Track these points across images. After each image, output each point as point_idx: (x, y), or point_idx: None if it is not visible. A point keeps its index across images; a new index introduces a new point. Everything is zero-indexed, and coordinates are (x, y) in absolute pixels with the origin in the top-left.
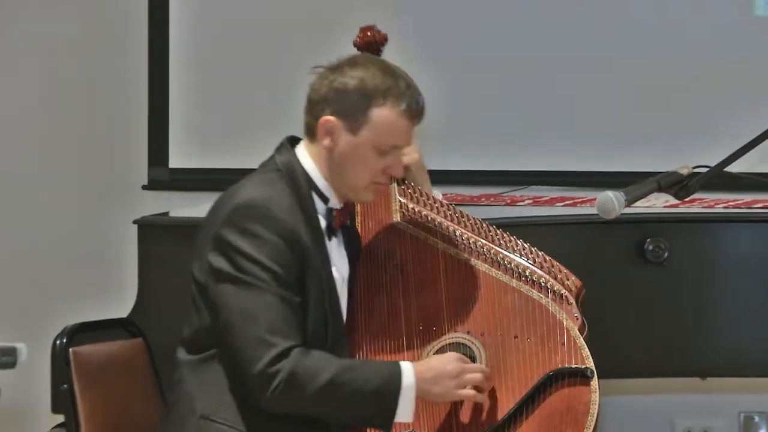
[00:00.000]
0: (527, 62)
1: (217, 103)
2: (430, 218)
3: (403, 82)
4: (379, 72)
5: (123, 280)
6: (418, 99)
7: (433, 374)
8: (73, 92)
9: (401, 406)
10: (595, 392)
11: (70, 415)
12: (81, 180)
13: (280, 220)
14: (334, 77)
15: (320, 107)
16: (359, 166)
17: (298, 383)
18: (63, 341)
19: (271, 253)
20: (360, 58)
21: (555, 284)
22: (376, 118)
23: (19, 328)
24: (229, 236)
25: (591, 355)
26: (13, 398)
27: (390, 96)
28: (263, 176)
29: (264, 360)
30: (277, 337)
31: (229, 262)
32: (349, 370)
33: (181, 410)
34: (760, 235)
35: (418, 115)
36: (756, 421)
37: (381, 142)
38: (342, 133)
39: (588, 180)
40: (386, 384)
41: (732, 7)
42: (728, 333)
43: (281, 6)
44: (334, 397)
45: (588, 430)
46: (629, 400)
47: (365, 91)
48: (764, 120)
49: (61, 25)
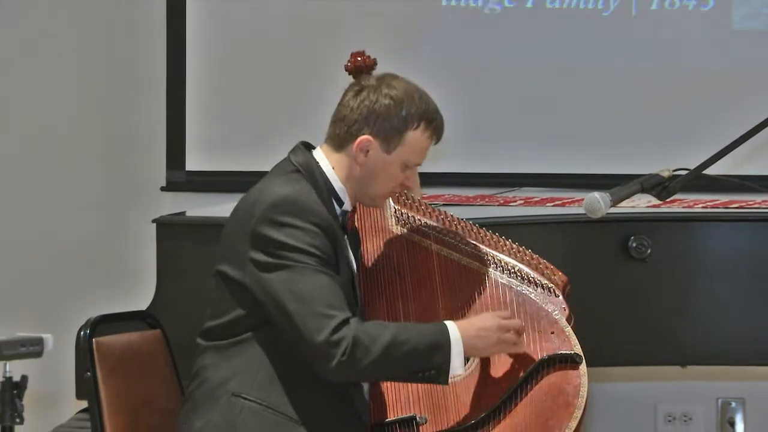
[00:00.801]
0: (520, 71)
1: (232, 109)
2: (423, 222)
3: (432, 107)
4: (414, 96)
5: (142, 275)
6: (442, 122)
7: (474, 330)
8: (97, 100)
9: (453, 358)
10: (584, 376)
11: (93, 401)
12: (104, 182)
13: (313, 210)
14: (374, 98)
15: (358, 126)
16: (385, 179)
17: (362, 347)
18: (86, 332)
19: (311, 240)
20: (394, 80)
21: (542, 279)
22: (409, 139)
23: (45, 320)
24: (269, 232)
25: (579, 344)
26: (40, 385)
27: (424, 120)
28: (286, 176)
29: (327, 330)
30: (334, 310)
31: (272, 256)
32: (404, 330)
33: (211, 390)
34: (736, 233)
35: (440, 137)
36: (733, 407)
37: (408, 160)
38: (377, 151)
39: (576, 182)
40: (438, 339)
41: (712, 21)
42: (707, 324)
43: (298, 12)
44: (395, 357)
45: (578, 411)
46: (614, 387)
47: (404, 116)
48: (740, 125)
49: (83, 33)
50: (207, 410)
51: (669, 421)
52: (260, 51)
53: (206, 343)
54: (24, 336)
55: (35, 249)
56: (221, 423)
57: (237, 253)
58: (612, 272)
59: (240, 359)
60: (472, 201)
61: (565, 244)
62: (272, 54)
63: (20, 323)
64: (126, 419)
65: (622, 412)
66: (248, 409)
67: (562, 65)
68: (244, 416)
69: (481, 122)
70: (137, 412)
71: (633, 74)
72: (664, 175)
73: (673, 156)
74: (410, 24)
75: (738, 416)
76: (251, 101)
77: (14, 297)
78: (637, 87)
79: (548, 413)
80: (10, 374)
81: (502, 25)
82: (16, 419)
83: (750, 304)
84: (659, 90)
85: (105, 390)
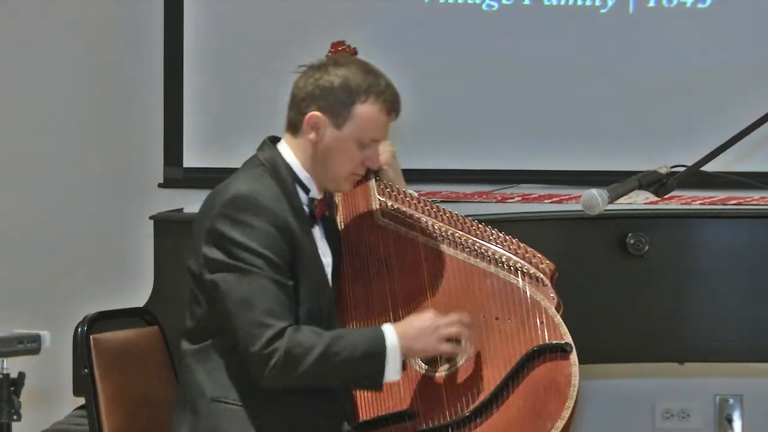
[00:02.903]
0: (518, 68)
1: (230, 106)
2: (408, 214)
3: (382, 81)
4: (360, 71)
5: (140, 271)
6: (395, 96)
7: (413, 331)
8: (95, 98)
9: (389, 366)
10: (574, 365)
11: (90, 398)
12: (101, 179)
13: (269, 209)
14: (319, 75)
15: (306, 104)
16: (342, 158)
17: (293, 359)
18: (84, 329)
19: (263, 240)
20: (342, 58)
21: (530, 268)
22: (359, 113)
23: (42, 317)
24: (222, 228)
25: (576, 340)
26: (37, 382)
27: (372, 93)
28: (249, 172)
29: (261, 340)
30: (272, 319)
31: (223, 252)
32: (337, 340)
33: (193, 396)
34: (733, 229)
35: (395, 111)
36: (731, 403)
37: (363, 136)
38: (327, 127)
39: (573, 179)
40: (372, 347)
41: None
42: (704, 321)
43: (296, 10)
44: (328, 367)
45: (571, 400)
46: (612, 384)
47: (349, 89)
48: (738, 122)
49: (81, 31)
50: (191, 416)
51: (667, 417)
52: (258, 48)
53: (186, 347)
54: (21, 333)
55: (32, 246)
56: (206, 430)
57: (197, 248)
58: (609, 269)
59: (214, 362)
60: (469, 198)
61: (563, 240)
62: (270, 51)
63: (17, 320)
64: (123, 416)
65: (620, 409)
66: (230, 413)
67: (560, 62)
68: (227, 420)
69: (479, 119)
70: (135, 409)
71: (630, 71)
72: (661, 172)
73: (670, 153)
74: (408, 22)
75: (736, 413)
76: (248, 98)
77: (11, 294)
78: (634, 84)
79: (540, 404)
80: (7, 371)
81: (499, 22)
82: (14, 416)
83: (747, 300)
84: (656, 87)
85: (102, 387)
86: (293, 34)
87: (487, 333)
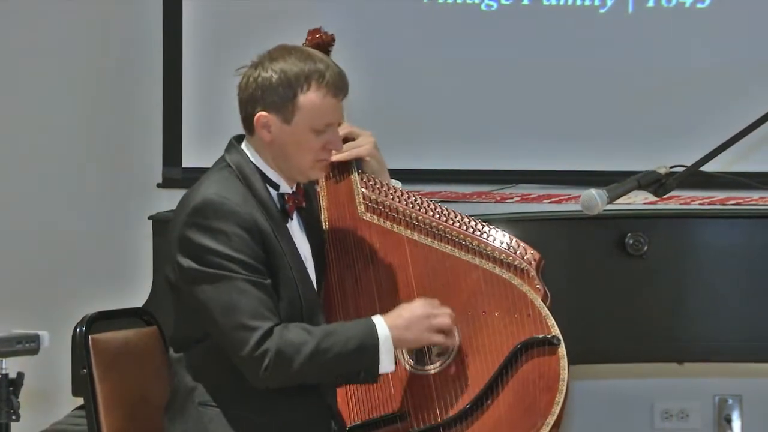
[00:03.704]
0: (517, 68)
1: (229, 106)
2: (392, 207)
3: (321, 64)
4: (297, 60)
5: (139, 271)
6: (338, 76)
7: (403, 321)
8: (94, 98)
9: (382, 357)
10: (563, 358)
11: (89, 398)
12: (100, 179)
13: (236, 212)
14: (257, 74)
15: (251, 105)
16: (301, 150)
17: (286, 358)
18: (82, 329)
19: (235, 244)
20: (276, 51)
21: (516, 259)
22: (304, 103)
23: (41, 317)
24: (192, 236)
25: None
26: (36, 382)
27: (311, 80)
28: (217, 174)
29: (250, 343)
30: (257, 321)
31: (197, 261)
32: (328, 336)
33: (181, 401)
34: (733, 229)
35: (341, 90)
36: (730, 404)
37: (315, 124)
38: (277, 124)
39: (573, 179)
40: (365, 340)
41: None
42: (703, 321)
43: (295, 10)
44: (321, 363)
45: (560, 394)
46: (611, 384)
47: (288, 82)
48: (737, 122)
49: (80, 31)
50: (181, 421)
51: (666, 417)
52: (257, 48)
53: (173, 354)
54: (20, 333)
55: (31, 246)
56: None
57: (171, 256)
58: (609, 269)
59: (199, 368)
60: (468, 198)
61: (562, 241)
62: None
63: (16, 320)
64: (122, 416)
65: (619, 409)
66: (217, 416)
67: (559, 62)
68: (215, 425)
69: (477, 119)
70: (133, 409)
71: (629, 71)
72: (660, 172)
73: (669, 153)
74: (407, 22)
75: (735, 413)
76: None
77: (10, 294)
78: (633, 84)
79: (530, 399)
80: (6, 371)
81: (498, 22)
82: (12, 416)
83: (746, 300)
84: (655, 87)
85: (101, 387)
86: (292, 35)
87: (474, 327)
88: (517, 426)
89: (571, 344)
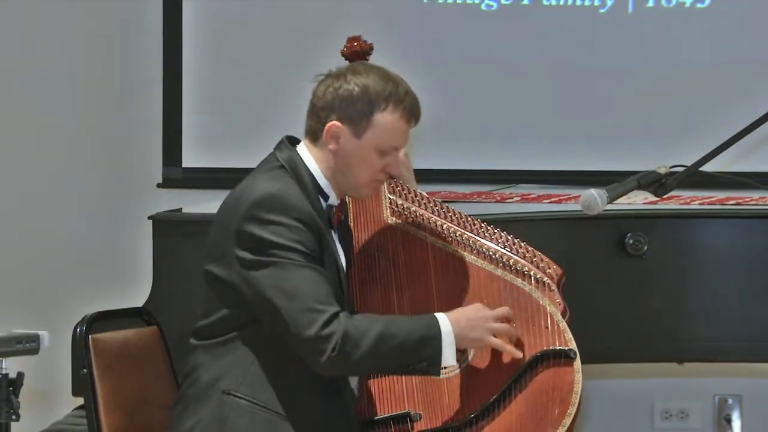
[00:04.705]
0: (517, 68)
1: (228, 107)
2: (418, 213)
3: (402, 88)
4: (380, 79)
5: (139, 271)
6: (415, 103)
7: (465, 321)
8: (95, 98)
9: (445, 349)
10: (578, 372)
11: (89, 398)
12: (100, 179)
13: (296, 206)
14: (338, 84)
15: (325, 113)
16: (363, 166)
17: (352, 341)
18: (83, 329)
19: (295, 236)
20: (360, 67)
21: (537, 272)
22: (378, 122)
23: (41, 317)
24: (254, 230)
25: (575, 340)
26: (36, 382)
27: (391, 101)
28: (270, 173)
29: (317, 325)
30: (322, 305)
31: (257, 254)
32: (393, 324)
33: (203, 389)
34: (733, 229)
35: (415, 118)
36: (729, 404)
37: (383, 144)
38: (347, 136)
39: (572, 179)
40: (428, 331)
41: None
42: (703, 321)
43: (295, 9)
44: (385, 350)
45: (573, 407)
46: (611, 384)
47: (369, 98)
48: (737, 122)
49: (80, 31)
50: (198, 409)
51: (666, 417)
52: (256, 48)
53: (197, 343)
54: (20, 333)
55: (31, 246)
56: (212, 421)
57: (223, 252)
58: (609, 269)
59: (229, 358)
60: (468, 197)
61: (562, 240)
62: (268, 51)
63: (16, 320)
64: (122, 416)
65: (619, 409)
66: (238, 407)
67: (559, 62)
68: (235, 414)
69: (478, 119)
70: (133, 409)
71: (629, 71)
72: (660, 172)
73: (669, 153)
74: (406, 21)
75: (735, 413)
76: (247, 98)
77: (10, 294)
78: (633, 84)
79: (542, 410)
80: (6, 371)
81: (498, 22)
82: (12, 416)
83: (746, 300)
84: (656, 87)
85: (101, 387)
86: (292, 36)
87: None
88: None
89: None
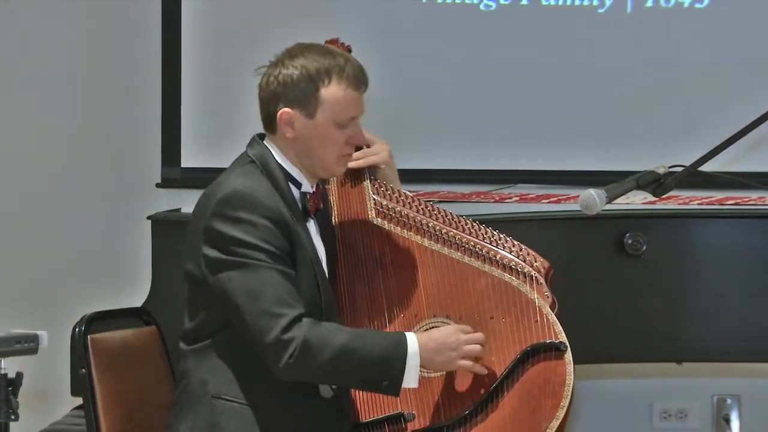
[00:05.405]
0: (515, 68)
1: (227, 106)
2: (403, 213)
3: (340, 58)
4: (317, 56)
5: (138, 271)
6: (358, 69)
7: (434, 345)
8: (94, 98)
9: (407, 372)
10: (569, 364)
11: (88, 398)
12: (99, 179)
13: (264, 203)
14: (278, 71)
15: (273, 103)
16: (326, 145)
17: (313, 350)
18: (81, 329)
19: (262, 234)
20: (295, 49)
21: (525, 266)
22: (326, 97)
23: (40, 317)
24: (220, 227)
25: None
26: (34, 382)
27: (333, 74)
28: (241, 169)
29: (276, 329)
30: (284, 308)
31: (223, 252)
32: (358, 338)
33: (194, 394)
34: (732, 229)
35: (362, 83)
36: (728, 404)
37: (338, 118)
38: (300, 120)
39: (571, 179)
40: (393, 351)
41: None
42: (702, 321)
43: (294, 10)
44: (346, 363)
45: (565, 399)
46: (610, 384)
47: (310, 76)
48: (736, 122)
49: (79, 31)
50: (191, 414)
51: (664, 417)
52: (256, 48)
53: (185, 347)
54: (19, 333)
55: (30, 246)
56: (205, 426)
57: (195, 250)
58: (608, 269)
59: (215, 360)
60: (467, 198)
61: (561, 240)
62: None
63: (15, 320)
64: (121, 416)
65: (618, 409)
66: (230, 410)
67: (557, 62)
68: (227, 417)
69: (476, 119)
70: (132, 409)
71: (628, 71)
72: (659, 172)
73: (668, 153)
74: (405, 21)
75: (733, 413)
76: (246, 98)
77: (9, 294)
78: (632, 84)
79: (535, 403)
80: (5, 371)
81: (497, 22)
82: (11, 416)
83: (745, 300)
84: (655, 87)
85: (100, 387)
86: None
87: (481, 332)
88: (521, 429)
89: (570, 344)
